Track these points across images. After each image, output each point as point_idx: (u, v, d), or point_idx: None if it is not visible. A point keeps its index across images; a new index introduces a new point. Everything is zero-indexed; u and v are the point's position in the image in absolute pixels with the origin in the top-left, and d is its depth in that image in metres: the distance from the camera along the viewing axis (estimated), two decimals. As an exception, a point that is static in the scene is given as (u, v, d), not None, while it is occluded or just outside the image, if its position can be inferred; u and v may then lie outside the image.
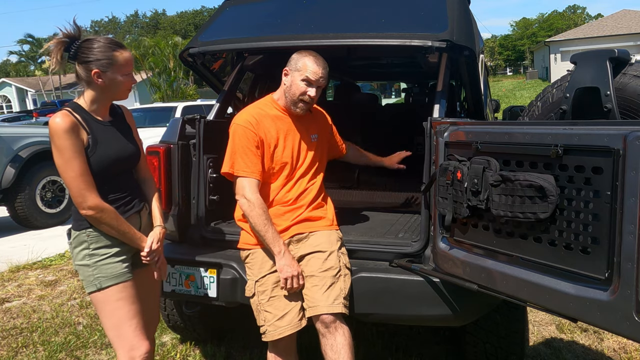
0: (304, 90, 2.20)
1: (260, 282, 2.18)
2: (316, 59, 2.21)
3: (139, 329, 1.99)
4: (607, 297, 1.45)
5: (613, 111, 1.87)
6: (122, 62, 1.93)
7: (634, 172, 1.36)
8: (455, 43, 2.33)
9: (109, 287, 1.96)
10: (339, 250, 2.22)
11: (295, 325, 2.12)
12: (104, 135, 1.98)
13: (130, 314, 1.98)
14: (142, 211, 2.12)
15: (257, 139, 2.22)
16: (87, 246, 1.98)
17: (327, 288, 2.09)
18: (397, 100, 26.77)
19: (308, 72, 2.18)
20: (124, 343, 1.97)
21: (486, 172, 1.76)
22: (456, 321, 2.24)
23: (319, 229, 2.29)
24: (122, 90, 1.98)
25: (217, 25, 2.98)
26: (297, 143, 2.32)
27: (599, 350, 3.07)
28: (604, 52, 1.92)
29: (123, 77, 1.94)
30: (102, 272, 1.97)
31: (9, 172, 6.47)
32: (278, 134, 2.27)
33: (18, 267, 5.15)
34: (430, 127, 2.14)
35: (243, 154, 2.20)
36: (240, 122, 2.24)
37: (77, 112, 1.94)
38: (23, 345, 3.36)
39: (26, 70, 59.18)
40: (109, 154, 1.96)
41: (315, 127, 2.42)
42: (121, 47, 1.95)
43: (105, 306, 1.97)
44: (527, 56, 65.42)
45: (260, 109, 2.30)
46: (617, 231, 1.40)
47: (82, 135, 1.91)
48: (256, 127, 2.22)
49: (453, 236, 2.00)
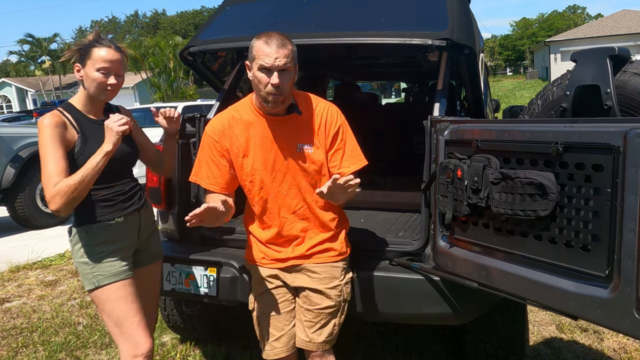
0: (264, 80, 1.81)
1: (259, 298, 2.12)
2: (268, 38, 1.80)
3: (141, 326, 1.98)
4: (607, 295, 1.44)
5: (613, 109, 1.87)
6: (96, 57, 1.89)
7: (634, 169, 1.36)
8: (455, 42, 2.33)
9: (107, 285, 1.95)
10: (341, 284, 2.05)
11: (291, 347, 2.07)
12: (95, 134, 1.95)
13: (132, 312, 1.97)
14: (142, 209, 2.11)
15: (222, 148, 1.98)
16: (85, 243, 1.96)
17: (320, 326, 2.02)
18: (397, 100, 26.79)
19: (261, 59, 1.80)
20: (128, 341, 1.97)
21: (486, 170, 1.76)
22: (456, 320, 2.24)
23: (323, 260, 2.05)
24: (98, 88, 1.91)
25: (218, 24, 2.98)
26: (272, 154, 1.96)
27: (599, 350, 3.07)
28: (604, 49, 1.92)
29: (98, 73, 1.89)
30: (100, 270, 1.96)
31: (9, 172, 6.47)
32: (248, 142, 1.96)
33: (18, 267, 5.15)
34: (431, 126, 2.14)
35: (205, 163, 2.01)
36: (207, 130, 2.03)
37: (69, 111, 1.94)
38: (23, 345, 3.36)
39: (26, 70, 59.20)
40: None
41: (307, 135, 1.98)
42: (104, 44, 1.91)
43: (105, 305, 1.97)
44: (527, 56, 65.44)
45: (235, 113, 2.02)
46: (618, 228, 1.40)
47: (69, 135, 1.89)
48: (221, 135, 1.98)
49: (453, 234, 2.00)
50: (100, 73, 1.90)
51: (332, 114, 2.01)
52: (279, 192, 1.99)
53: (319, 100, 2.05)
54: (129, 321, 1.96)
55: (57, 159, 1.81)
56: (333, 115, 2.01)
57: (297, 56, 1.88)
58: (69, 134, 1.89)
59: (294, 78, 1.89)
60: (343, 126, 2.02)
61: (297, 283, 2.06)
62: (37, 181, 6.82)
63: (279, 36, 1.82)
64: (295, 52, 1.86)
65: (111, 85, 1.93)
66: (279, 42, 1.80)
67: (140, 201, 2.11)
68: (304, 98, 2.03)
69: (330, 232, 2.06)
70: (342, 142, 2.01)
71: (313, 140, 1.98)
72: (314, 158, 1.98)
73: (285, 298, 2.09)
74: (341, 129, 2.01)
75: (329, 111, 2.01)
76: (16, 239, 6.52)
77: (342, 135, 2.01)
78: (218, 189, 1.99)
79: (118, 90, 1.98)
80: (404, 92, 7.15)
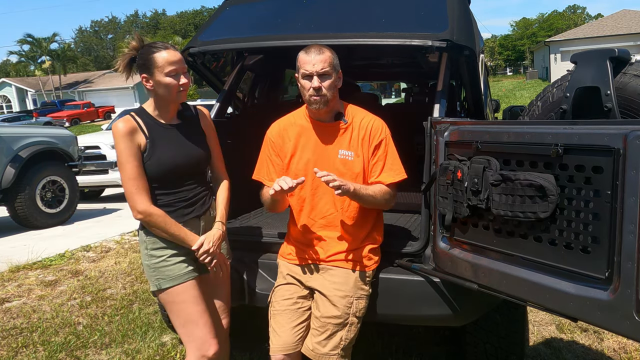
0: (307, 85, 2.03)
1: (275, 291, 2.19)
2: (307, 49, 2.05)
3: (206, 328, 1.99)
4: (607, 297, 1.44)
5: (613, 110, 1.87)
6: (160, 62, 1.92)
7: (634, 171, 1.36)
8: (455, 43, 2.33)
9: (168, 289, 1.99)
10: (353, 296, 2.07)
11: (289, 347, 2.06)
12: (165, 139, 1.99)
13: (196, 315, 1.98)
14: (203, 215, 2.11)
15: (277, 148, 2.20)
16: (146, 246, 2.02)
17: (327, 336, 2.03)
18: (397, 100, 26.77)
19: (303, 67, 2.03)
20: (192, 342, 1.99)
21: (486, 172, 1.76)
22: (456, 321, 2.24)
23: (340, 265, 2.12)
24: (173, 92, 1.96)
25: (217, 24, 2.98)
26: (315, 156, 2.13)
27: (599, 350, 3.07)
28: (604, 51, 1.92)
29: (168, 77, 1.93)
30: (161, 273, 1.99)
31: (9, 172, 6.48)
32: (297, 144, 2.16)
33: (18, 267, 5.15)
34: (431, 127, 2.14)
35: (265, 162, 2.23)
36: (267, 132, 2.25)
37: (140, 116, 2.00)
38: (23, 345, 3.36)
39: (26, 70, 59.21)
40: (165, 159, 1.97)
41: (350, 143, 2.12)
42: (162, 47, 1.95)
43: (171, 306, 2.01)
44: (527, 56, 65.42)
45: (291, 117, 2.24)
46: (618, 230, 1.40)
47: (139, 140, 1.94)
48: (277, 137, 2.20)
49: (453, 236, 2.00)
50: (171, 77, 1.94)
51: (376, 127, 2.15)
52: (315, 194, 2.14)
53: (367, 113, 2.20)
54: (192, 323, 1.98)
55: (132, 166, 1.93)
56: (378, 128, 2.14)
57: (337, 62, 2.07)
58: (139, 138, 1.96)
59: (334, 82, 2.06)
60: (386, 139, 2.15)
61: (311, 283, 2.12)
62: (37, 181, 6.83)
63: (318, 46, 2.05)
64: (333, 58, 2.05)
65: (183, 85, 1.98)
66: (317, 51, 2.03)
67: (203, 208, 2.11)
68: (353, 109, 2.19)
69: (356, 243, 2.14)
70: (384, 154, 2.13)
71: (355, 149, 2.11)
72: (352, 166, 2.11)
73: (295, 296, 2.12)
74: (384, 141, 2.14)
75: (374, 123, 2.15)
76: (16, 239, 6.52)
77: (384, 147, 2.13)
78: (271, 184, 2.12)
79: (188, 89, 2.03)
80: (404, 92, 7.15)
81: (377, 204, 2.11)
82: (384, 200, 2.11)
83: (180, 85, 1.96)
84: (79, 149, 7.77)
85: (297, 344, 2.07)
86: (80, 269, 5.08)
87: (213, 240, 2.04)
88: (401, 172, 2.14)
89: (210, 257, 2.04)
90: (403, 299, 2.17)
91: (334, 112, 2.13)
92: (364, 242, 2.15)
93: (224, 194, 2.18)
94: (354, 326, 2.06)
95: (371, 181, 2.11)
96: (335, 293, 2.05)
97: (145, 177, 1.95)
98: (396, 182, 2.13)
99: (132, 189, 1.92)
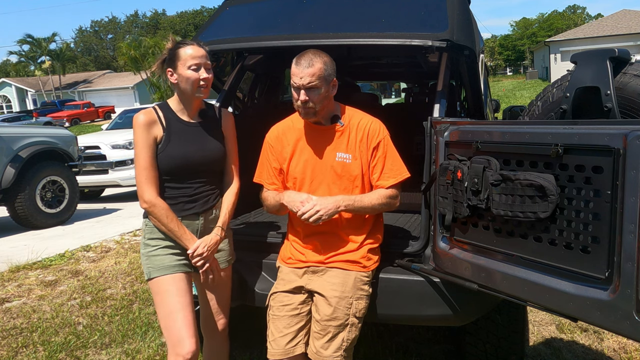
0: (295, 96, 2.03)
1: (273, 296, 2.17)
2: (298, 59, 2.01)
3: (184, 325, 1.99)
4: (607, 297, 1.44)
5: (613, 110, 1.87)
6: (184, 56, 1.98)
7: (634, 171, 1.36)
8: (455, 43, 2.33)
9: (156, 278, 2.02)
10: (352, 297, 2.05)
11: (287, 351, 2.06)
12: (181, 135, 2.04)
13: (177, 307, 1.99)
14: (203, 214, 2.11)
15: (276, 152, 2.20)
16: (144, 235, 2.08)
17: (328, 339, 2.02)
18: (397, 100, 26.77)
19: (292, 78, 2.01)
20: (169, 339, 2.01)
21: (486, 172, 1.76)
22: (456, 321, 2.24)
23: (339, 266, 2.11)
24: (194, 85, 2.00)
25: (217, 25, 2.98)
26: (313, 159, 2.13)
27: (599, 350, 3.07)
28: (604, 51, 1.92)
29: (189, 71, 1.98)
30: (152, 262, 2.04)
31: (9, 172, 6.48)
32: (295, 147, 2.16)
33: (18, 267, 5.15)
34: (431, 127, 2.14)
35: (265, 166, 2.24)
36: (266, 136, 2.25)
37: (162, 109, 2.06)
38: (23, 345, 3.36)
39: (26, 70, 59.23)
40: (177, 154, 2.02)
41: (348, 146, 2.11)
42: (187, 43, 2.02)
43: (156, 297, 2.04)
44: (527, 56, 65.45)
45: (290, 121, 2.24)
46: (618, 230, 1.40)
47: (156, 132, 2.01)
48: (276, 141, 2.20)
49: (453, 236, 2.00)
50: (192, 70, 1.98)
51: (374, 128, 2.13)
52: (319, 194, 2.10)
53: (364, 114, 2.19)
54: (171, 316, 1.99)
55: (145, 156, 1.99)
56: (375, 130, 2.13)
57: (330, 72, 2.02)
58: (156, 130, 2.01)
59: (324, 93, 2.03)
60: (384, 140, 2.13)
61: (310, 285, 2.11)
62: (37, 181, 6.84)
63: (309, 55, 2.00)
64: (324, 70, 2.00)
65: (204, 79, 2.01)
66: (307, 63, 1.97)
67: (205, 206, 2.11)
68: (350, 112, 2.18)
69: (355, 244, 2.13)
70: (383, 155, 2.12)
71: (353, 152, 2.10)
72: (350, 168, 2.10)
73: (294, 301, 2.11)
74: (382, 143, 2.12)
75: (372, 125, 2.13)
76: (16, 239, 6.53)
77: (382, 149, 2.12)
78: (275, 188, 2.20)
79: (210, 86, 2.07)
80: (404, 92, 7.14)
81: (380, 210, 2.13)
82: (387, 205, 2.11)
83: (202, 80, 2.00)
84: (79, 149, 7.77)
85: (296, 349, 2.07)
86: (80, 269, 5.08)
87: (208, 245, 2.06)
88: (402, 172, 2.13)
89: (203, 261, 2.06)
90: (403, 299, 2.17)
91: (330, 115, 2.13)
92: (364, 243, 2.15)
93: (231, 199, 2.18)
94: (355, 327, 2.06)
95: (373, 184, 2.13)
96: (334, 294, 2.04)
97: (157, 169, 2.01)
98: (398, 183, 2.12)
99: (142, 178, 1.99)
